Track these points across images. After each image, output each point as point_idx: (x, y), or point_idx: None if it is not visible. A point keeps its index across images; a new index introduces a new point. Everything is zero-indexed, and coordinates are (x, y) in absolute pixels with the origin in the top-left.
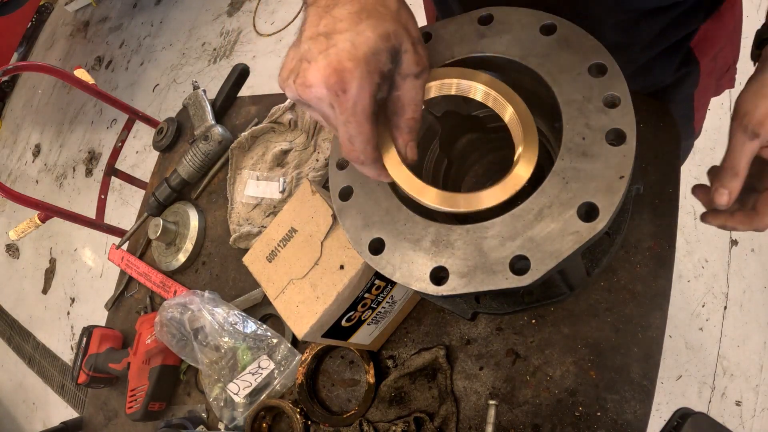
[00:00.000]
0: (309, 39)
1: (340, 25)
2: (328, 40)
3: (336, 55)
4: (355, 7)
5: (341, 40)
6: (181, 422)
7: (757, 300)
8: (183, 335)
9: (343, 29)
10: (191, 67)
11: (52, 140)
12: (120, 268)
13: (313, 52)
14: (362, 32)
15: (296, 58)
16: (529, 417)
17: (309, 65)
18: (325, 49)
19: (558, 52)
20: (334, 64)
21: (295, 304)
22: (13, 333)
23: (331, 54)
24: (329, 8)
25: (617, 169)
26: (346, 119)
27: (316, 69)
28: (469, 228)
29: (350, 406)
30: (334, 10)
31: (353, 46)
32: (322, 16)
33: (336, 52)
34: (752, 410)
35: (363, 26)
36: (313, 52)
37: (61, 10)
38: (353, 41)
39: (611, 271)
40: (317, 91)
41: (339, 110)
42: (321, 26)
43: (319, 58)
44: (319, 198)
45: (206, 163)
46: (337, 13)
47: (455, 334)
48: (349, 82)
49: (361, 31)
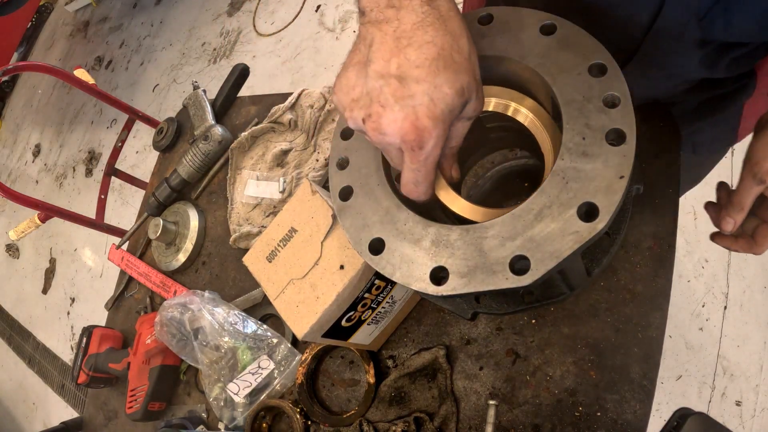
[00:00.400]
0: (380, 76)
1: (416, 72)
2: (403, 87)
3: (414, 110)
4: (431, 52)
5: (419, 92)
6: (181, 422)
7: (757, 300)
8: (183, 335)
9: (420, 78)
10: (191, 67)
11: (52, 140)
12: (120, 268)
13: (386, 95)
14: (440, 87)
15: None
16: (529, 417)
17: (383, 111)
18: (401, 98)
19: (558, 52)
20: (412, 119)
21: (295, 304)
22: (13, 333)
23: (409, 107)
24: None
25: (617, 169)
26: (417, 168)
27: (393, 120)
28: (469, 228)
29: (350, 406)
30: (408, 50)
31: (432, 103)
32: (394, 52)
33: (414, 107)
34: (752, 410)
35: (441, 80)
36: (387, 96)
37: (61, 10)
38: (431, 96)
39: (611, 271)
40: (391, 139)
41: (410, 160)
42: (393, 65)
43: (395, 108)
44: (319, 198)
45: (206, 163)
46: (412, 56)
47: (455, 334)
48: (427, 140)
49: (439, 86)
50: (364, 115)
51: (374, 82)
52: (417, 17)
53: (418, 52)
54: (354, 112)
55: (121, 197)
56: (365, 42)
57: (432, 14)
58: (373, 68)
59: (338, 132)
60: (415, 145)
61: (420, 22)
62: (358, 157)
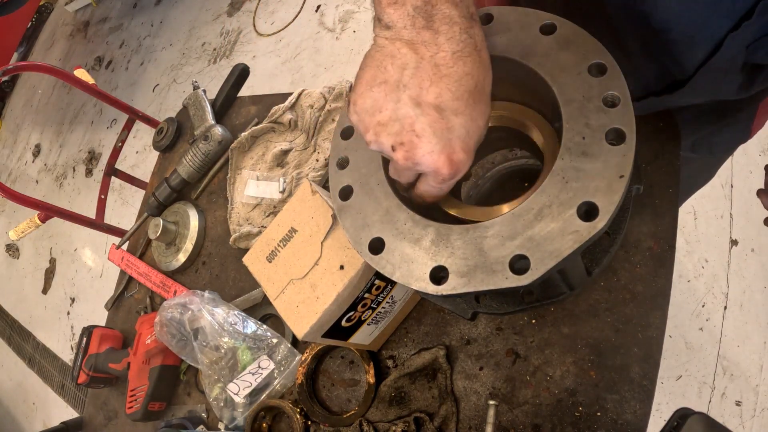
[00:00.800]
0: (416, 105)
1: (455, 105)
2: (443, 119)
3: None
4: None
5: (457, 125)
6: (181, 422)
7: (757, 300)
8: (183, 335)
9: (458, 111)
10: (191, 67)
11: (52, 140)
12: (120, 268)
13: (422, 125)
14: (476, 120)
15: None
16: (529, 417)
17: (419, 141)
18: (440, 130)
19: (558, 52)
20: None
21: (295, 304)
22: (13, 333)
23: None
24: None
25: (617, 169)
26: (442, 190)
27: (429, 152)
28: (469, 227)
29: (350, 406)
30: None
31: (467, 136)
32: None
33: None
34: (752, 410)
35: (477, 112)
36: (424, 126)
37: (61, 10)
38: (468, 129)
39: (611, 271)
40: (422, 169)
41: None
42: (431, 93)
43: (433, 140)
44: (319, 198)
45: (206, 163)
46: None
47: (455, 334)
48: (460, 173)
49: (475, 118)
50: (394, 142)
51: (409, 110)
52: (457, 46)
53: (458, 83)
54: (381, 137)
55: (121, 197)
56: (394, 61)
57: (470, 44)
58: (408, 94)
59: (338, 132)
60: (448, 177)
61: (460, 52)
62: (358, 157)
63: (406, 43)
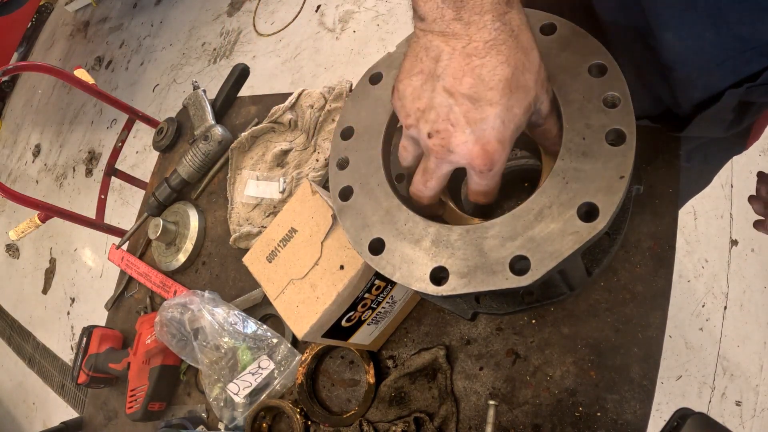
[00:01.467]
0: (449, 95)
1: (489, 95)
2: (476, 109)
3: (485, 133)
4: (505, 73)
5: (492, 115)
6: (181, 422)
7: (757, 300)
8: (183, 335)
9: (493, 101)
10: (191, 67)
11: (52, 140)
12: (120, 268)
13: (456, 114)
14: (512, 108)
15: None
16: (529, 417)
17: (453, 130)
18: (473, 121)
19: (558, 52)
20: (483, 143)
21: (295, 304)
22: (13, 333)
23: (481, 130)
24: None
25: (617, 169)
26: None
27: (463, 142)
28: (469, 228)
29: (350, 406)
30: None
31: (503, 125)
32: (466, 70)
33: (485, 131)
34: (752, 410)
35: (513, 101)
36: (458, 116)
37: (61, 10)
38: (503, 119)
39: (611, 271)
40: (457, 159)
41: (479, 178)
42: (465, 84)
43: (467, 131)
44: (319, 198)
45: (206, 163)
46: (486, 77)
47: (455, 334)
48: (496, 163)
49: (511, 107)
50: (430, 129)
51: (443, 99)
52: (489, 35)
53: (492, 73)
54: (420, 124)
55: (121, 197)
56: (428, 53)
57: (504, 31)
58: (442, 84)
59: (338, 132)
60: (484, 168)
61: (493, 41)
62: (358, 157)
63: (438, 35)
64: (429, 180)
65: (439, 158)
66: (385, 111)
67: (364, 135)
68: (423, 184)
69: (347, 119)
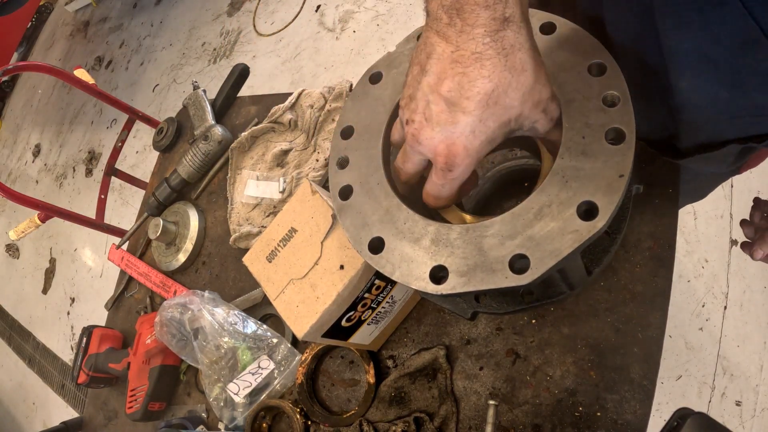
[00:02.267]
0: (431, 91)
1: (464, 104)
2: (450, 113)
3: (452, 138)
4: (485, 88)
5: (462, 123)
6: (181, 422)
7: (757, 300)
8: (183, 335)
9: (467, 110)
10: (191, 67)
11: (52, 140)
12: (120, 268)
13: (432, 112)
14: (485, 121)
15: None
16: (529, 417)
17: (425, 125)
18: (444, 123)
19: (558, 52)
20: (448, 143)
21: (295, 304)
22: (13, 333)
23: (449, 133)
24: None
25: (617, 168)
26: (442, 185)
27: (430, 138)
28: (469, 227)
29: (350, 406)
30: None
31: (472, 135)
32: (449, 74)
33: (454, 135)
34: (752, 410)
35: (488, 114)
36: (432, 113)
37: (61, 10)
38: (474, 129)
39: (611, 271)
40: (423, 151)
41: (436, 176)
42: (445, 86)
43: (436, 128)
44: (319, 198)
45: (206, 163)
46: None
47: (455, 334)
48: (458, 166)
49: (485, 120)
50: (408, 117)
51: (424, 94)
52: (476, 47)
53: (471, 84)
54: (405, 109)
55: (121, 197)
56: (425, 48)
57: (493, 47)
58: (427, 80)
59: (338, 132)
60: (444, 167)
61: (479, 54)
62: (358, 157)
63: (436, 33)
64: (405, 162)
65: (410, 145)
66: (385, 110)
67: (364, 134)
68: (401, 162)
69: (347, 119)
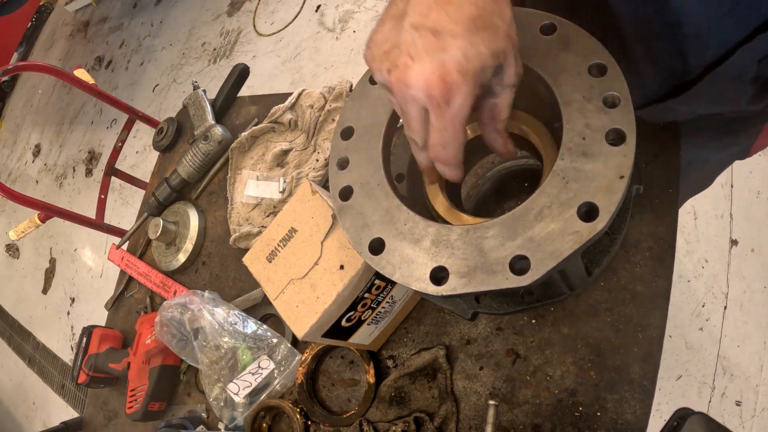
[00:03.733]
0: (414, 29)
1: (452, 27)
2: (438, 40)
3: (444, 63)
4: (472, 11)
5: (453, 47)
6: (181, 422)
7: (757, 300)
8: (183, 335)
9: (456, 33)
10: (191, 67)
11: (52, 140)
12: (120, 268)
13: (417, 47)
14: (476, 44)
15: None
16: (529, 417)
17: (411, 62)
18: (433, 51)
19: (558, 52)
20: (441, 72)
21: (295, 304)
22: (13, 333)
23: (439, 60)
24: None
25: (617, 169)
26: (444, 127)
27: (420, 72)
28: (469, 228)
29: (350, 406)
30: (448, 6)
31: (464, 58)
32: (432, 6)
33: (445, 60)
34: (752, 410)
35: (478, 38)
36: (418, 49)
37: (61, 10)
38: (465, 52)
39: (611, 271)
40: (416, 93)
41: (436, 118)
42: (430, 18)
43: (425, 60)
44: (319, 198)
45: (206, 163)
46: (452, 12)
47: (455, 334)
48: (456, 95)
49: (476, 43)
50: (390, 66)
51: (407, 35)
52: None
53: (458, 9)
54: (382, 64)
55: (121, 197)
56: None
57: None
58: (408, 21)
59: (338, 132)
60: (441, 100)
61: None
62: (358, 157)
63: None
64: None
65: (400, 96)
66: (386, 111)
67: (364, 135)
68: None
69: (347, 119)
